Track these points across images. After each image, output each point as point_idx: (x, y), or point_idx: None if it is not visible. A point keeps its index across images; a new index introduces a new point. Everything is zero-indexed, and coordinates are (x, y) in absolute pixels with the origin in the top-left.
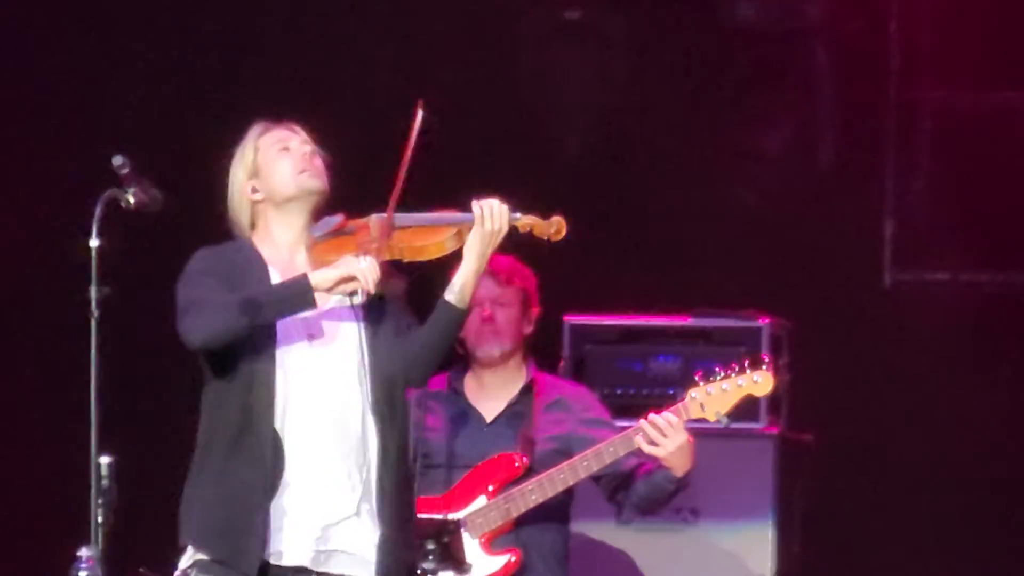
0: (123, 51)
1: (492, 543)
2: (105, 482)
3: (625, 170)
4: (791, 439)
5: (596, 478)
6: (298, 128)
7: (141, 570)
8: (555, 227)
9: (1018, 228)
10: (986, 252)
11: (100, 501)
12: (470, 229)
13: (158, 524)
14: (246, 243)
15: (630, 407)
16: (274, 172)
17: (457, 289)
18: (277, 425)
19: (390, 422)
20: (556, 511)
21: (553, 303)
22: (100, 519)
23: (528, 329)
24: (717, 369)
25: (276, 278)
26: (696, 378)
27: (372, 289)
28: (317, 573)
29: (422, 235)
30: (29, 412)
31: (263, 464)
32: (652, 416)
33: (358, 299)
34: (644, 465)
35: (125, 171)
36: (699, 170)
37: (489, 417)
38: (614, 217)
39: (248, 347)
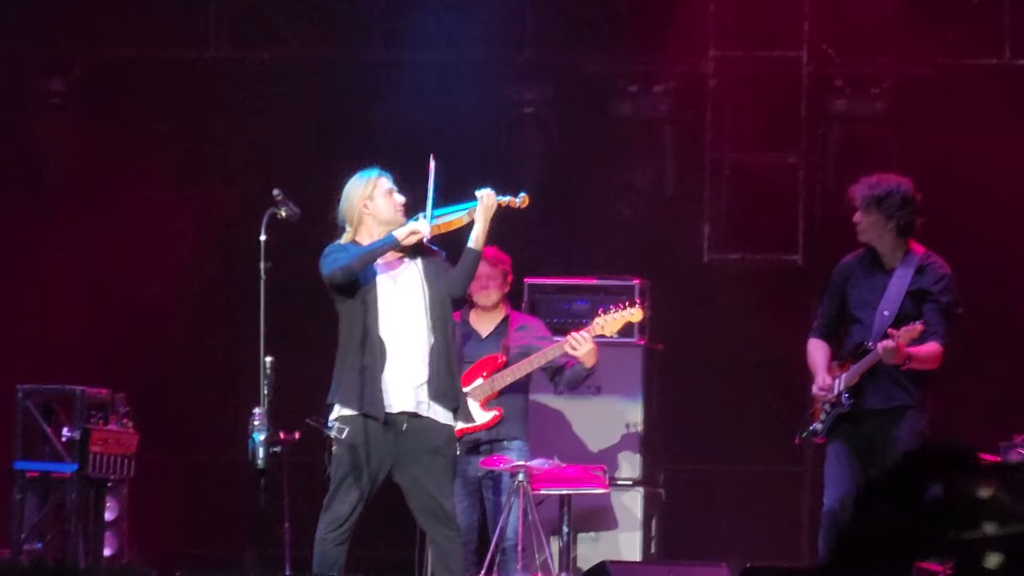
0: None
1: (486, 404)
2: (268, 370)
3: (560, 196)
4: (651, 348)
5: (543, 368)
6: (392, 180)
7: (308, 420)
8: (522, 201)
9: (780, 231)
10: (764, 243)
11: (265, 382)
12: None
13: (301, 400)
14: (351, 242)
15: (563, 330)
16: (381, 206)
17: (472, 240)
18: (382, 334)
19: (442, 326)
20: (521, 387)
21: (520, 270)
22: (266, 392)
23: (506, 289)
24: (611, 307)
25: (377, 268)
26: (600, 311)
27: (427, 235)
28: (402, 413)
29: (450, 223)
30: (227, 333)
31: (377, 356)
32: (574, 334)
33: (425, 236)
34: (569, 361)
35: (279, 197)
36: (598, 196)
37: (484, 334)
38: (556, 220)
39: (361, 289)
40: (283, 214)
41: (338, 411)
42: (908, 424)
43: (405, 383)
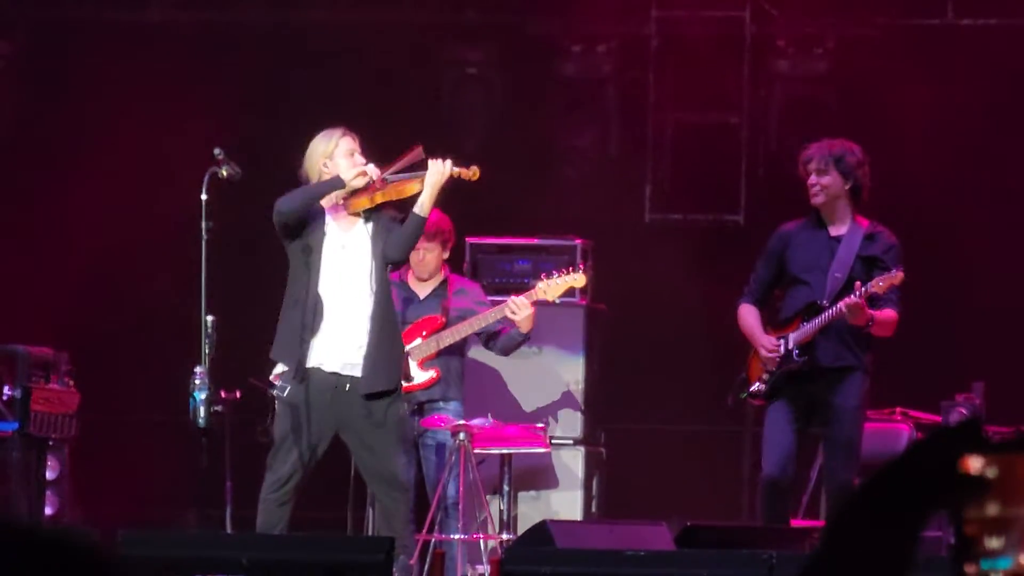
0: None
1: (423, 364)
2: (210, 330)
3: (503, 156)
4: (593, 308)
5: (477, 334)
6: (358, 141)
7: (251, 379)
8: (473, 172)
9: (722, 192)
10: (706, 204)
11: (207, 341)
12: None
13: (243, 360)
14: None
15: (504, 290)
16: (341, 165)
17: (418, 206)
18: (321, 292)
19: (380, 288)
20: (457, 349)
21: (461, 230)
22: (207, 351)
23: (445, 255)
24: (554, 272)
25: (329, 220)
26: (543, 276)
27: (375, 177)
28: (342, 375)
29: (402, 185)
30: (167, 291)
31: (313, 314)
32: (514, 298)
33: (373, 179)
34: (505, 328)
35: (220, 157)
36: (541, 156)
37: (422, 296)
38: (499, 180)
39: (308, 245)
40: (224, 173)
41: (279, 368)
42: (853, 386)
43: (343, 344)
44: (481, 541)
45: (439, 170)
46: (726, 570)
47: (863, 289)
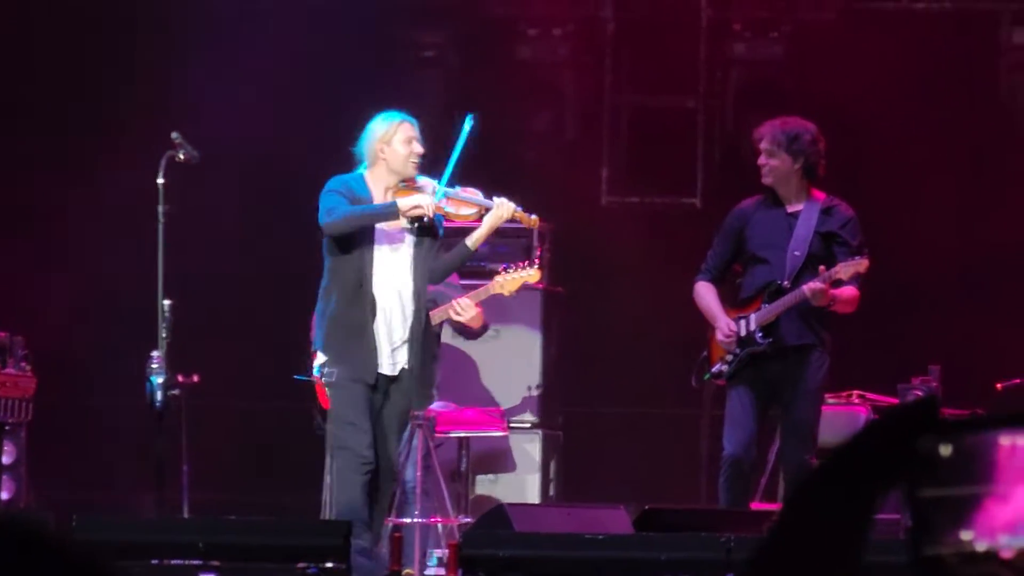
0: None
1: None
2: (167, 313)
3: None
4: (550, 291)
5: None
6: (417, 128)
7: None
8: (533, 221)
9: (679, 174)
10: (663, 187)
11: (164, 325)
12: (487, 211)
13: (198, 343)
14: (360, 177)
15: (462, 274)
16: (397, 151)
17: (471, 240)
18: (374, 291)
19: (422, 299)
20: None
21: None
22: (164, 335)
23: None
24: (510, 266)
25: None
26: (500, 270)
27: (430, 215)
28: (393, 376)
29: (458, 205)
30: (126, 275)
31: (368, 311)
32: (457, 300)
33: (425, 218)
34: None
35: (178, 140)
36: (497, 139)
37: None
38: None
39: (359, 240)
40: (181, 157)
41: (322, 358)
42: (814, 364)
43: (387, 348)
44: (439, 525)
45: (500, 214)
46: (684, 553)
47: (828, 274)
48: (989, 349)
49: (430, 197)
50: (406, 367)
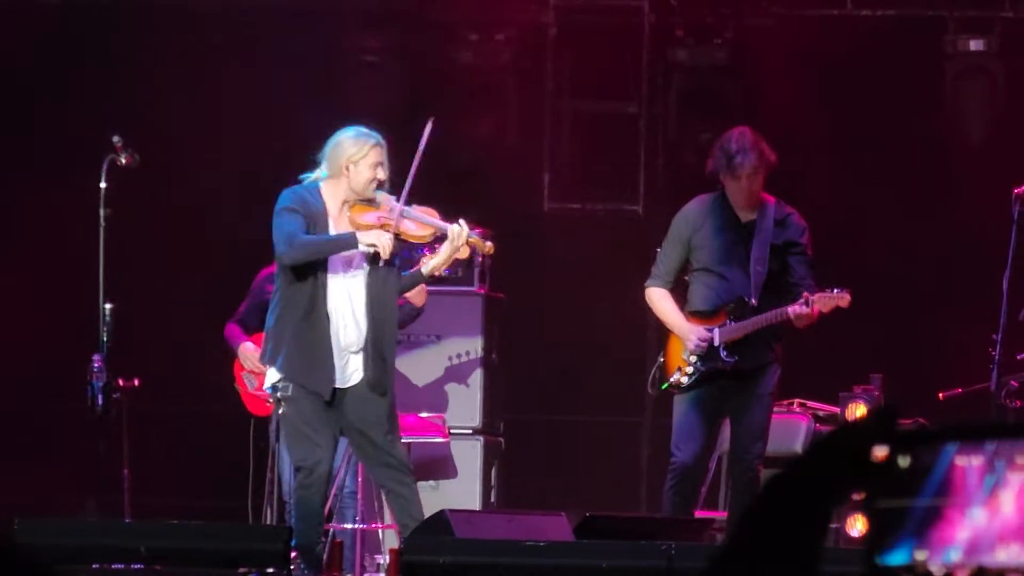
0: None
1: None
2: (107, 317)
3: (401, 144)
4: (491, 296)
5: None
6: (385, 151)
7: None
8: (488, 248)
9: (620, 181)
10: (604, 193)
11: (105, 329)
12: (442, 233)
13: (141, 348)
14: (316, 189)
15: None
16: (362, 174)
17: (427, 268)
18: (328, 308)
19: (378, 317)
20: None
21: None
22: (105, 339)
23: None
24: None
25: (331, 224)
26: (426, 252)
27: (386, 256)
28: (343, 387)
29: (417, 227)
30: (67, 279)
31: (322, 327)
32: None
33: (384, 255)
34: (399, 302)
35: (119, 144)
36: (439, 144)
37: None
38: (397, 167)
39: (315, 263)
40: (123, 161)
41: (275, 374)
42: (768, 376)
43: (340, 362)
44: (380, 531)
45: (456, 245)
46: (625, 561)
47: (811, 299)
48: (931, 358)
49: (389, 237)
50: (363, 376)
